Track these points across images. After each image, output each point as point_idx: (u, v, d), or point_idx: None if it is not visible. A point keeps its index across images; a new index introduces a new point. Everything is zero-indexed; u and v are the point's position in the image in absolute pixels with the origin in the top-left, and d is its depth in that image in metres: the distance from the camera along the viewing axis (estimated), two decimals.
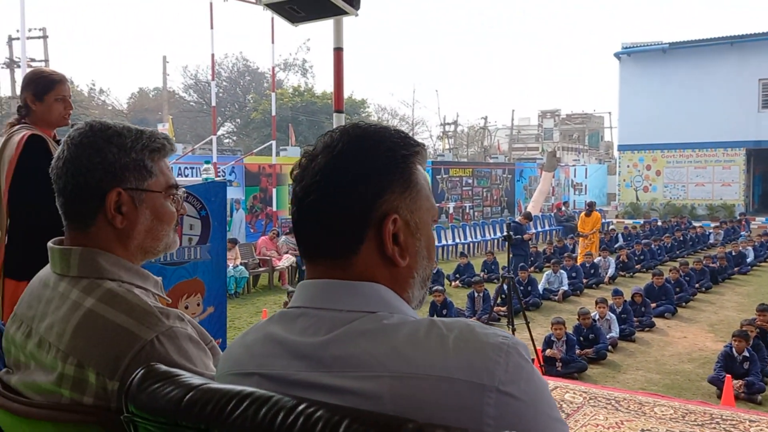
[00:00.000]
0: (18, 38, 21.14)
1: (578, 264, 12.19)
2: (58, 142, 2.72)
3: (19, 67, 22.77)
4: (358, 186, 0.86)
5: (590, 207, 13.96)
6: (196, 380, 0.83)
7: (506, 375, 0.76)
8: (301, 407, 0.73)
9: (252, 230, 15.63)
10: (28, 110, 2.69)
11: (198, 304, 3.08)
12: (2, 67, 26.84)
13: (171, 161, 1.31)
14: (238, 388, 0.79)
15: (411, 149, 0.91)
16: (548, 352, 6.87)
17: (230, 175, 15.27)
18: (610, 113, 46.62)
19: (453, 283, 12.14)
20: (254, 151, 20.22)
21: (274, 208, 16.13)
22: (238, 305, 9.96)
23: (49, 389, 1.10)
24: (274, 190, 16.06)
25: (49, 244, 1.22)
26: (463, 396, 0.75)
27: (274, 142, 16.06)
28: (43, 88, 2.68)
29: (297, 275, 12.54)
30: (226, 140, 38.54)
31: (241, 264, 11.06)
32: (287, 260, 12.22)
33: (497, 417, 0.74)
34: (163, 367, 0.87)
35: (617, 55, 28.47)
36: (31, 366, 1.15)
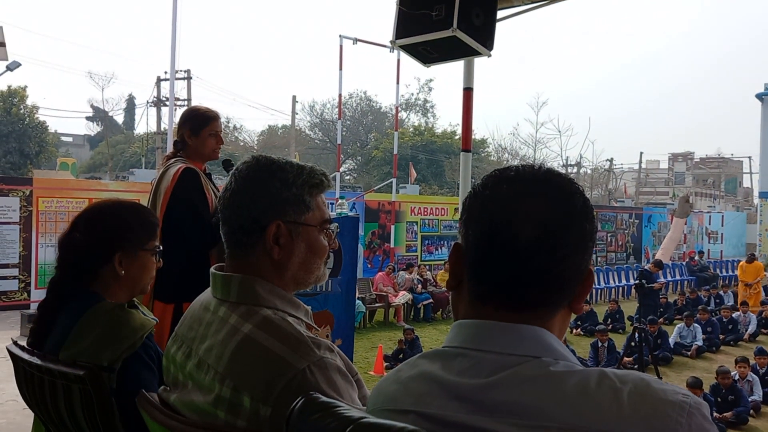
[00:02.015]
0: (166, 79, 23.11)
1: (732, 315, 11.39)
2: (208, 175, 2.90)
3: (165, 105, 24.81)
4: (588, 246, 0.88)
5: (752, 255, 13.90)
6: (354, 413, 0.83)
7: None
8: None
9: (369, 266, 15.87)
10: (184, 144, 2.90)
11: (327, 336, 3.14)
12: (151, 106, 29.36)
13: None
14: (399, 425, 0.78)
15: None
16: None
17: (351, 210, 15.65)
18: (750, 158, 43.47)
19: (575, 331, 11.63)
20: (375, 188, 20.65)
21: (392, 245, 16.30)
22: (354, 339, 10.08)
23: (205, 409, 1.14)
24: (392, 227, 16.26)
25: (212, 270, 1.28)
26: None
27: (394, 180, 16.32)
28: (200, 124, 2.88)
29: (413, 313, 12.54)
30: (347, 177, 39.71)
31: (358, 298, 11.23)
32: (403, 297, 12.25)
33: None
34: (323, 398, 0.88)
35: (759, 96, 26.66)
36: (188, 386, 1.21)
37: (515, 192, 0.87)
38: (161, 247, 1.77)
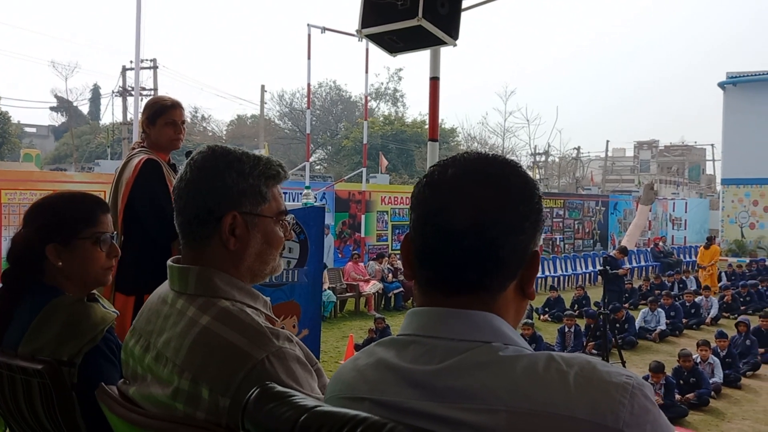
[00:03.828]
0: (131, 68, 22.70)
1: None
2: (172, 166, 2.87)
3: (131, 95, 24.37)
4: (525, 226, 0.88)
5: (709, 240, 14.68)
6: (310, 402, 0.84)
7: (631, 417, 0.73)
8: None
9: (340, 255, 15.86)
10: (145, 135, 2.87)
11: (293, 326, 3.14)
12: (116, 95, 28.81)
13: None
14: (352, 412, 0.79)
15: None
16: None
17: (321, 200, 15.61)
18: (712, 145, 44.38)
19: (542, 317, 11.81)
20: (345, 177, 20.60)
21: (362, 234, 16.30)
22: (324, 329, 10.05)
23: (164, 402, 1.14)
24: (363, 217, 16.26)
25: (169, 262, 1.27)
26: None
27: (364, 170, 16.30)
28: (156, 113, 2.85)
29: (383, 301, 12.58)
30: (318, 167, 39.52)
31: (329, 288, 11.23)
32: (374, 286, 12.29)
33: None
34: (278, 387, 0.89)
35: (722, 85, 27.14)
36: (147, 378, 1.21)
37: (453, 176, 0.88)
38: (108, 234, 1.70)
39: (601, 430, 0.72)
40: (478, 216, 0.84)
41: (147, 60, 26.61)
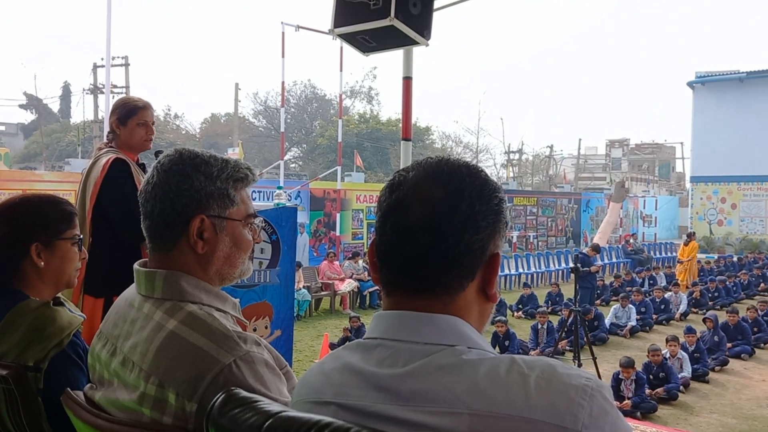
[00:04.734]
0: (103, 66, 22.35)
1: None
2: (141, 166, 2.84)
3: (102, 93, 24.02)
4: (481, 225, 0.88)
5: (689, 236, 15.38)
6: (274, 407, 0.84)
7: (590, 419, 0.74)
8: None
9: (315, 254, 15.83)
10: (114, 134, 2.83)
11: (266, 327, 3.13)
12: (87, 93, 28.35)
13: None
14: (317, 417, 0.80)
15: (503, 191, 0.95)
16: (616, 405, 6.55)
17: (296, 199, 15.55)
18: (682, 144, 45.11)
19: (516, 314, 11.92)
20: (320, 176, 20.56)
21: (338, 233, 16.29)
22: (299, 328, 10.06)
23: (131, 407, 1.13)
24: (338, 215, 16.25)
25: (135, 266, 1.26)
26: None
27: (339, 168, 16.29)
28: (127, 113, 2.81)
29: (359, 300, 12.59)
30: (293, 165, 39.35)
31: (304, 287, 11.20)
32: (349, 285, 12.28)
33: None
34: (243, 393, 0.89)
35: (691, 84, 27.62)
36: (114, 383, 1.20)
37: (413, 178, 0.90)
38: (81, 236, 1.72)
39: None
40: (432, 213, 0.86)
41: (118, 57, 26.25)
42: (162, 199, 1.22)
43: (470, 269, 0.88)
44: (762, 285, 15.51)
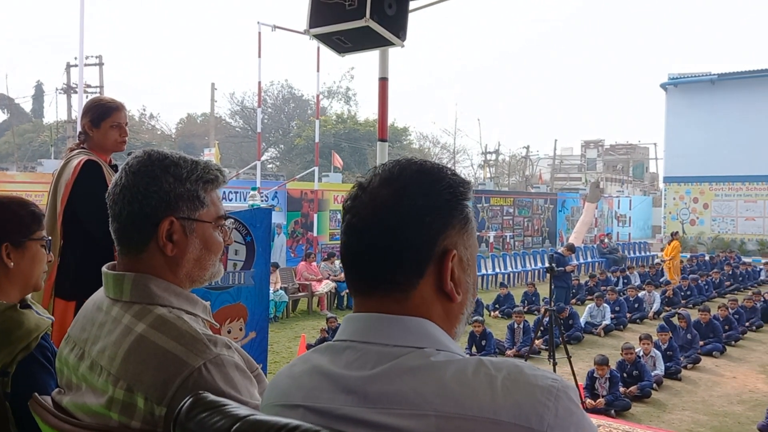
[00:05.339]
0: (76, 65, 22.02)
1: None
2: (113, 167, 2.81)
3: (75, 92, 23.66)
4: (425, 220, 0.87)
5: (673, 236, 16.16)
6: (242, 411, 0.84)
7: (555, 420, 0.75)
8: None
9: (293, 255, 15.75)
10: (87, 136, 2.79)
11: (240, 329, 3.11)
12: (60, 93, 27.92)
13: None
14: (284, 420, 0.79)
15: (466, 187, 0.93)
16: (588, 403, 6.58)
17: (273, 199, 15.48)
18: (655, 144, 45.71)
19: (492, 314, 11.99)
20: (297, 176, 20.48)
21: (315, 234, 16.24)
22: (277, 330, 10.01)
23: (99, 412, 1.12)
24: (315, 216, 16.20)
25: (103, 269, 1.25)
26: None
27: (317, 168, 16.25)
28: (100, 115, 2.77)
29: (336, 301, 12.56)
30: (270, 165, 39.12)
31: (281, 288, 11.15)
32: (326, 285, 12.25)
33: None
34: (211, 397, 0.89)
35: (663, 86, 28.02)
36: (82, 388, 1.18)
37: (370, 181, 0.92)
38: (50, 239, 1.70)
39: None
40: (378, 210, 0.88)
41: (92, 56, 25.88)
42: (130, 201, 1.20)
43: (416, 266, 0.87)
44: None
